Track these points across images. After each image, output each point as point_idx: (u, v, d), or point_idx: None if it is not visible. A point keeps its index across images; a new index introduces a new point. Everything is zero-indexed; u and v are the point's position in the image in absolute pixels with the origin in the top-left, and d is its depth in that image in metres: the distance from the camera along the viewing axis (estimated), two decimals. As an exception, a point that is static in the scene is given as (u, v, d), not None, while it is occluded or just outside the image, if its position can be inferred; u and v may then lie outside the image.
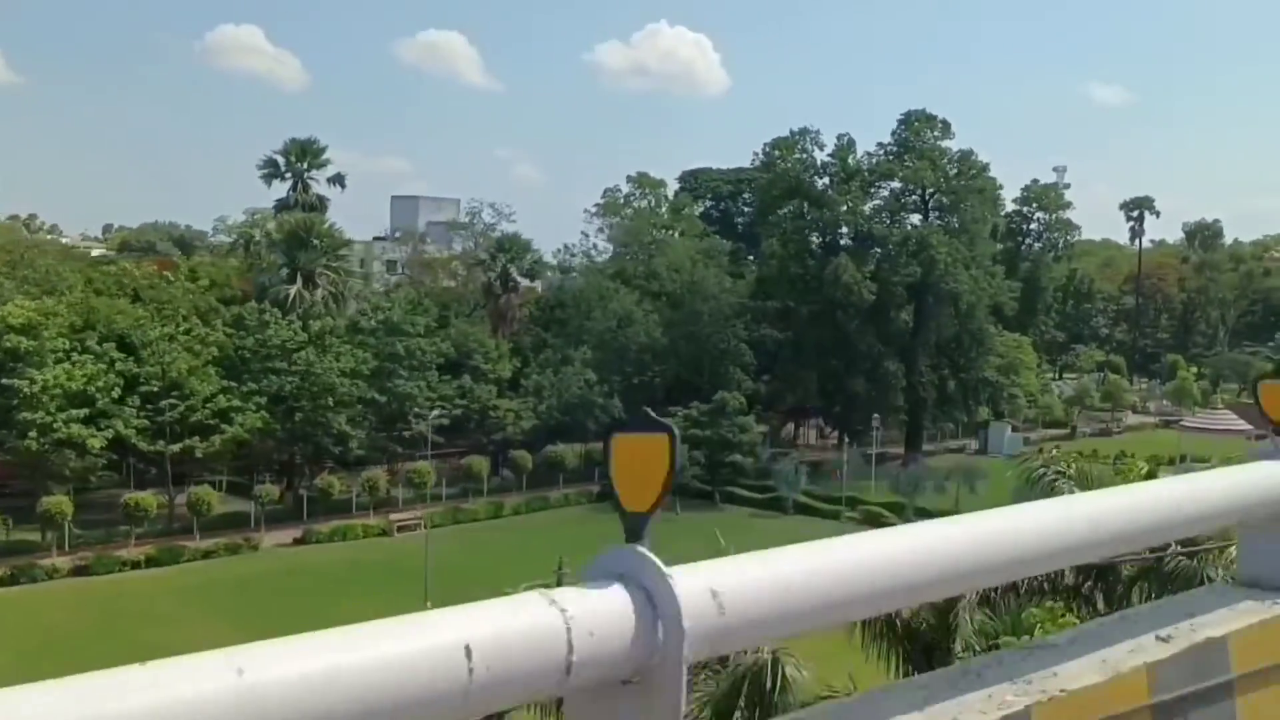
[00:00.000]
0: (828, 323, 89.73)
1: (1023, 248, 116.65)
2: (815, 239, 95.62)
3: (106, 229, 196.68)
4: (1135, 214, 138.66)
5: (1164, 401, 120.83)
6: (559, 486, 78.48)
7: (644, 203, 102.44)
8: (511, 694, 1.74)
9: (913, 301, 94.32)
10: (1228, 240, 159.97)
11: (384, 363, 73.06)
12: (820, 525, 73.90)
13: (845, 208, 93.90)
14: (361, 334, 74.17)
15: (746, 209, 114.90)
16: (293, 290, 75.10)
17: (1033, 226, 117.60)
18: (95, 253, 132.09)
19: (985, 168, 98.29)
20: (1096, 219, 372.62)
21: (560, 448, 79.99)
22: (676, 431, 1.91)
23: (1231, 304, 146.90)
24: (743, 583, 2.02)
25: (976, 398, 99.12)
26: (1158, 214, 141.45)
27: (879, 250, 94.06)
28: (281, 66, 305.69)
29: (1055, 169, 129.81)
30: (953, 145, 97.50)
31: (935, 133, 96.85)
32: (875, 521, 72.65)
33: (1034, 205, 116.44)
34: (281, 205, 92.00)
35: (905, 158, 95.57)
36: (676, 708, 1.84)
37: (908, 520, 70.10)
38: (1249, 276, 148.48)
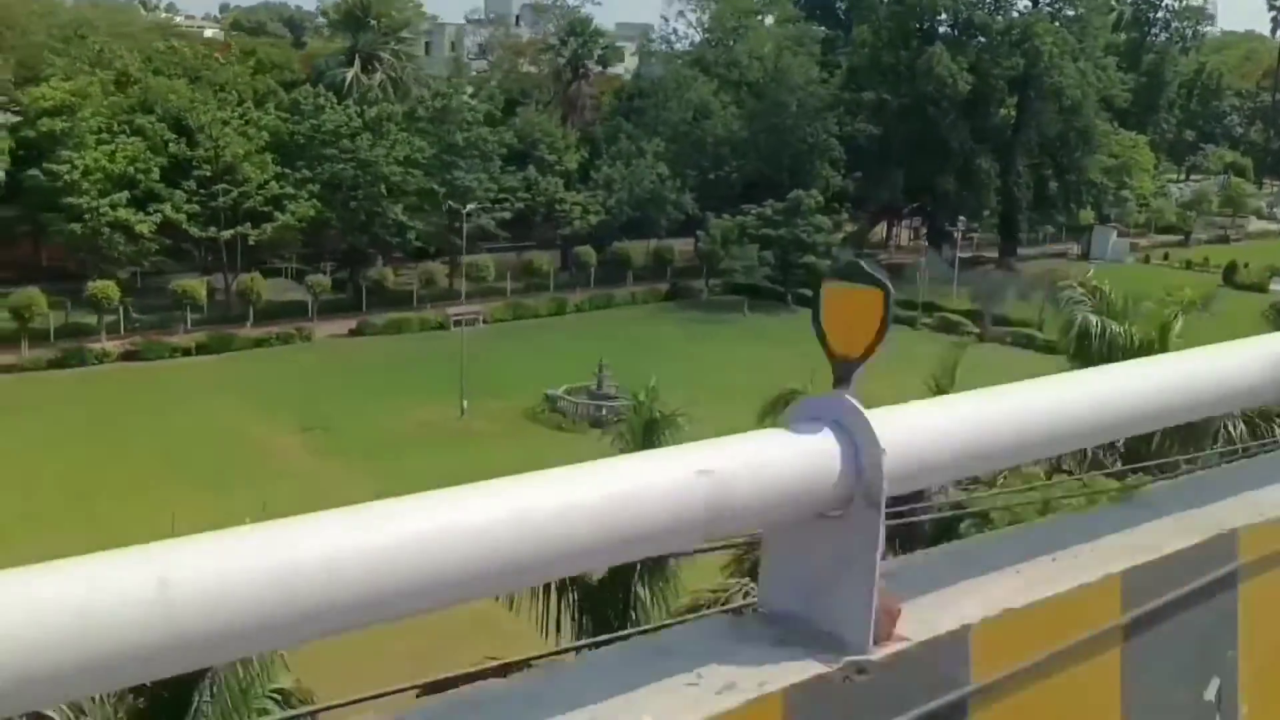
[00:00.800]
0: (919, 117, 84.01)
1: (1148, 38, 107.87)
2: (912, 26, 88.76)
3: (224, 8, 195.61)
4: (1278, 2, 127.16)
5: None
6: (626, 284, 76.31)
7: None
8: (733, 526, 2.02)
9: (1014, 96, 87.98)
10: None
11: (443, 153, 70.38)
12: (893, 331, 70.67)
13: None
14: (419, 121, 71.27)
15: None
16: (349, 74, 72.25)
17: (1160, 15, 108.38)
18: (208, 33, 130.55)
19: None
20: (1244, 9, 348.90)
21: (628, 244, 77.42)
22: (891, 288, 2.01)
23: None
24: (937, 426, 2.23)
25: (1079, 199, 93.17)
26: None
27: (981, 39, 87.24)
28: None
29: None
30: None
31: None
32: (951, 329, 69.40)
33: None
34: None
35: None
36: (874, 541, 2.01)
37: (985, 328, 66.59)
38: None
